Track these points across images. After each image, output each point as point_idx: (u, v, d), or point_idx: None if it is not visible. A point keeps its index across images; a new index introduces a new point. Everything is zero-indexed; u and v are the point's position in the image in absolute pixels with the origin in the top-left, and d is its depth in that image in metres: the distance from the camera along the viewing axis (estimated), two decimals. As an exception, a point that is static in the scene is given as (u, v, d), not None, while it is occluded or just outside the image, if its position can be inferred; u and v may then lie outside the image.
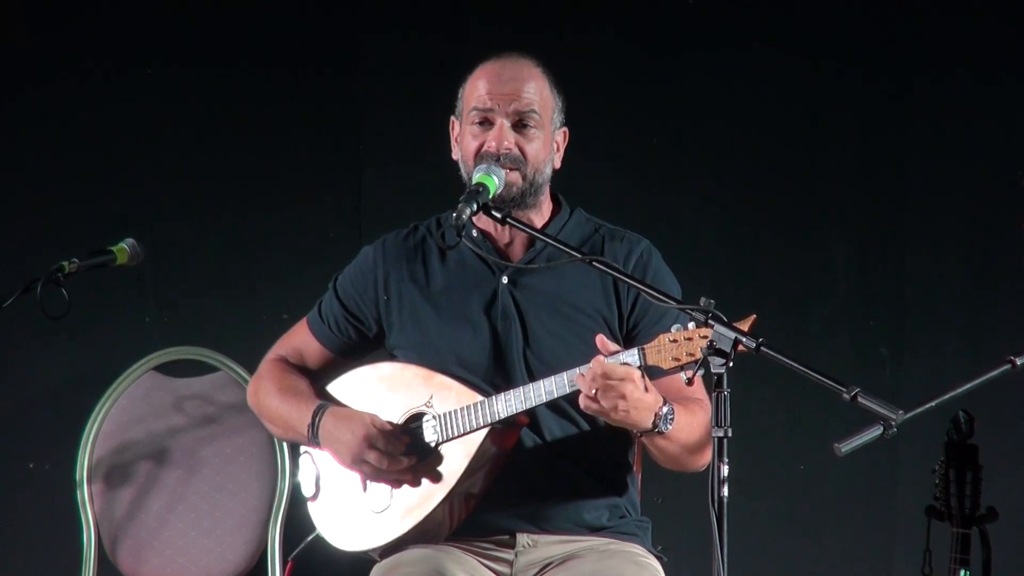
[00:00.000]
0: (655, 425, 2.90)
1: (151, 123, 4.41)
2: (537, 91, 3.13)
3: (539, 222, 3.18)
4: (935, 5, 4.40)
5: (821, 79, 4.43)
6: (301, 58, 4.46)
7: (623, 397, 2.84)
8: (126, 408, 3.93)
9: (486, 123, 3.11)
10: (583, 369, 2.88)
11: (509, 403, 3.00)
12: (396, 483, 3.09)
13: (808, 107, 4.44)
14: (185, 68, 4.42)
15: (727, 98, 4.45)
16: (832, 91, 4.44)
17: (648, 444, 2.98)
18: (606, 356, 2.87)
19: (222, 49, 4.44)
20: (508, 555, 3.10)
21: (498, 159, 3.07)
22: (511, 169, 3.08)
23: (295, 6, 4.48)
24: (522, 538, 3.10)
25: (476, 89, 3.13)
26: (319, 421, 3.14)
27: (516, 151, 3.09)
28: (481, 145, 3.10)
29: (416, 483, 3.07)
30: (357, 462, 3.09)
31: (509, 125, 3.10)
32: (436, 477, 3.06)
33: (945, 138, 4.40)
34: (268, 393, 3.26)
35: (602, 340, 2.90)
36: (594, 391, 2.84)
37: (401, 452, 3.06)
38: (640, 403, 2.86)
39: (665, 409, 2.90)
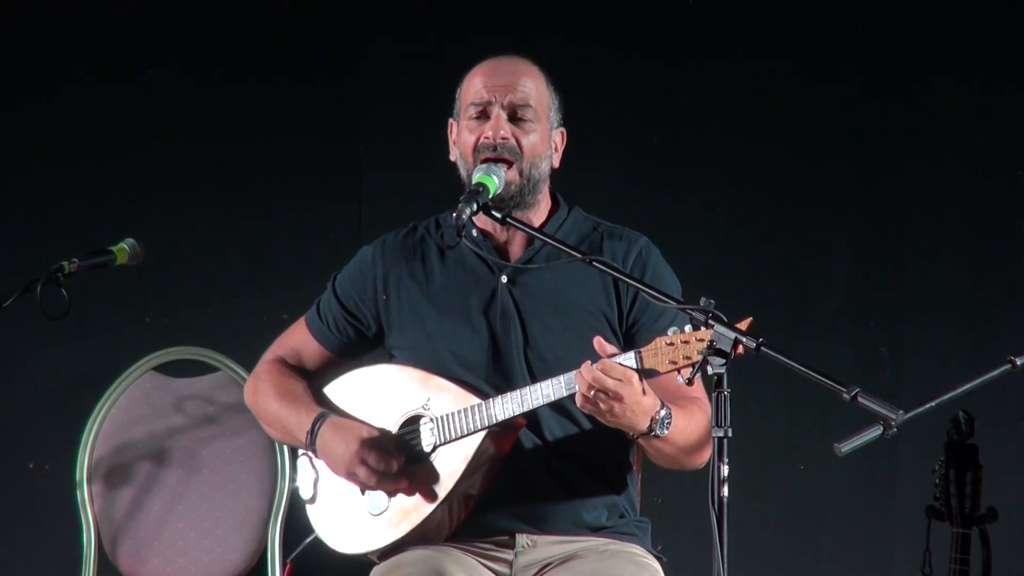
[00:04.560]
0: (651, 429, 2.90)
1: (151, 123, 4.41)
2: (534, 86, 3.13)
3: (538, 221, 3.18)
4: (935, 7, 4.40)
5: (822, 79, 4.44)
6: (301, 60, 4.46)
7: (620, 399, 2.83)
8: (126, 408, 3.93)
9: (483, 116, 3.12)
10: (581, 368, 2.88)
11: (506, 406, 3.00)
12: (390, 494, 3.10)
13: (808, 107, 4.45)
14: (185, 69, 4.43)
15: (728, 98, 4.45)
16: (832, 91, 4.44)
17: (645, 445, 2.98)
18: (603, 358, 2.87)
19: (222, 51, 4.44)
20: (508, 555, 3.10)
21: (495, 149, 3.08)
22: (508, 164, 3.08)
23: (296, 8, 4.48)
24: (521, 538, 3.10)
25: (473, 85, 3.14)
26: (318, 429, 3.14)
27: (512, 142, 3.10)
28: (478, 138, 3.10)
29: (410, 493, 3.07)
30: (349, 475, 3.10)
31: (506, 116, 3.10)
32: (432, 484, 3.05)
33: (945, 138, 4.40)
34: (266, 396, 3.26)
35: (599, 342, 2.90)
36: (591, 392, 2.84)
37: (393, 469, 3.06)
38: (637, 406, 2.86)
39: (663, 413, 2.90)
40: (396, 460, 3.06)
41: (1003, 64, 4.36)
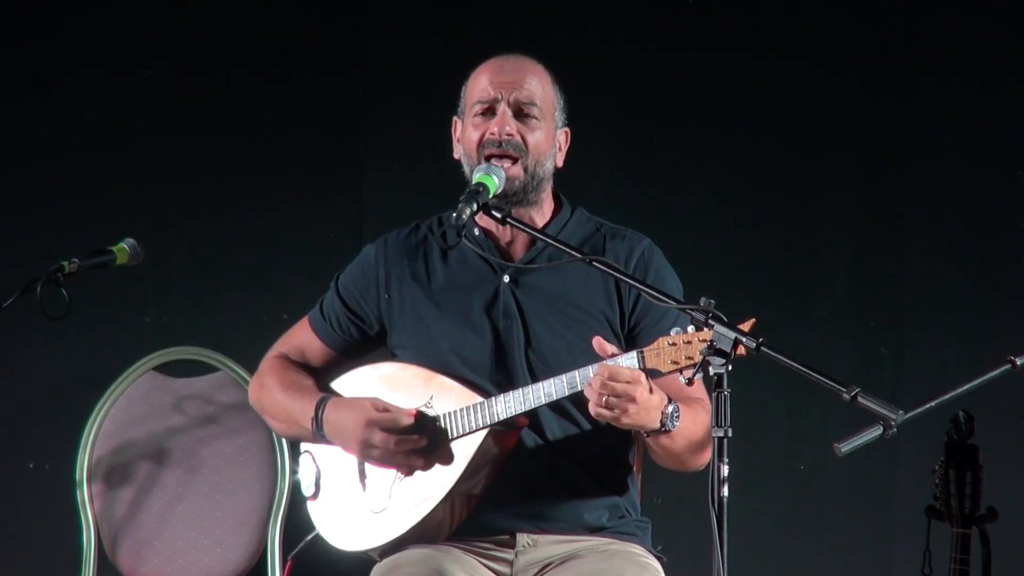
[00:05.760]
0: (662, 424, 2.90)
1: (151, 123, 4.41)
2: (539, 85, 3.14)
3: (540, 221, 3.19)
4: (935, 6, 4.40)
5: (821, 79, 4.44)
6: (301, 58, 4.46)
7: (633, 400, 2.84)
8: (126, 408, 3.93)
9: (489, 113, 3.12)
10: (583, 373, 2.89)
11: (508, 405, 3.00)
12: (407, 468, 3.07)
13: (808, 107, 4.45)
14: (185, 68, 4.42)
15: (728, 98, 4.45)
16: (832, 91, 4.44)
17: (652, 443, 2.98)
18: (604, 358, 2.87)
19: (222, 49, 4.44)
20: (508, 555, 3.10)
21: (500, 145, 3.08)
22: (512, 160, 3.08)
23: (296, 6, 4.48)
24: (522, 538, 3.10)
25: (479, 83, 3.15)
26: (322, 413, 3.14)
27: (518, 138, 3.10)
28: (483, 134, 3.11)
29: (428, 466, 3.05)
30: (366, 447, 3.06)
31: (511, 113, 3.11)
32: (445, 462, 3.04)
33: (945, 138, 4.40)
34: (271, 389, 3.26)
35: (599, 342, 2.90)
36: (603, 399, 2.84)
37: (408, 426, 3.03)
38: (648, 403, 2.87)
39: (671, 408, 2.91)
40: (407, 417, 3.03)
41: (1004, 63, 4.36)
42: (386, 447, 3.04)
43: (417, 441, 3.04)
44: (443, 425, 3.06)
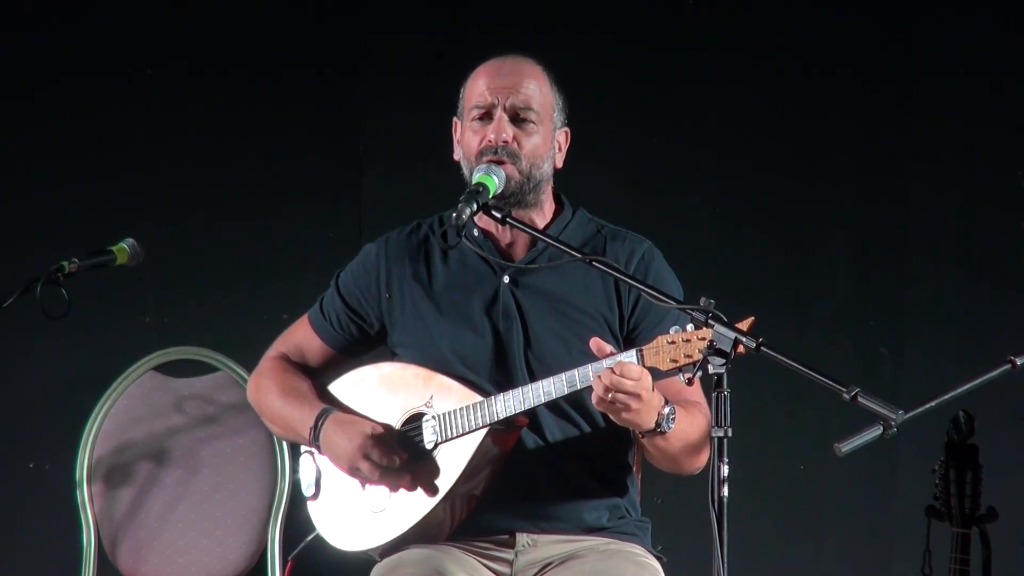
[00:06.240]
0: (658, 424, 2.90)
1: (151, 123, 4.41)
2: (537, 88, 3.14)
3: (541, 222, 3.18)
4: (936, 5, 4.40)
5: (821, 79, 4.44)
6: (301, 58, 4.46)
7: (639, 398, 2.84)
8: (126, 408, 3.93)
9: (486, 118, 3.12)
10: (583, 372, 2.89)
11: (508, 404, 3.00)
12: (392, 488, 3.10)
13: (808, 107, 4.45)
14: (185, 68, 4.43)
15: (727, 98, 4.45)
16: (832, 91, 4.44)
17: (647, 444, 2.99)
18: (601, 358, 2.87)
19: (222, 49, 4.44)
20: (508, 555, 3.10)
21: (496, 152, 3.08)
22: (509, 163, 3.08)
23: (295, 6, 4.48)
24: (522, 538, 3.10)
25: (476, 87, 3.14)
26: (321, 425, 3.14)
27: (514, 145, 3.10)
28: (481, 140, 3.10)
29: (411, 489, 3.08)
30: (352, 470, 3.10)
31: (508, 119, 3.10)
32: (434, 481, 3.06)
33: (945, 138, 4.40)
34: (270, 392, 3.26)
35: (597, 342, 2.90)
36: (609, 395, 2.83)
37: (396, 464, 3.06)
38: (649, 402, 2.87)
39: (667, 409, 2.91)
40: (399, 455, 3.06)
41: (1004, 63, 4.36)
42: (371, 476, 3.08)
43: (400, 478, 3.06)
44: (439, 431, 3.06)
